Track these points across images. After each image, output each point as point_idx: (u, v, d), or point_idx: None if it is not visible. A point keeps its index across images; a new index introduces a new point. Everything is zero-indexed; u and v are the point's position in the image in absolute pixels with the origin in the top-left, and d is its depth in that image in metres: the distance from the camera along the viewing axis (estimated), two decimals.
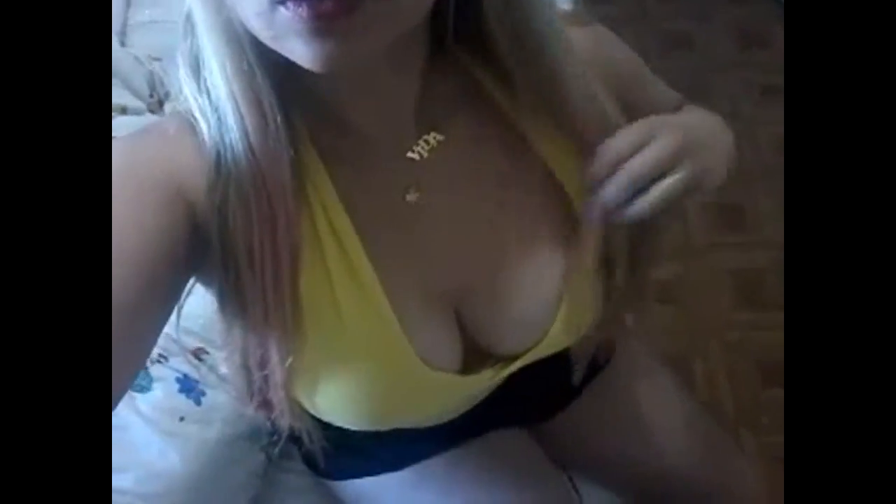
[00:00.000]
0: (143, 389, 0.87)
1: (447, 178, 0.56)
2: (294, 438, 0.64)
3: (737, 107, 1.89)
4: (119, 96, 1.13)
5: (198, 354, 0.88)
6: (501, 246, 0.58)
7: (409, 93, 0.53)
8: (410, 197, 0.55)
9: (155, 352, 0.88)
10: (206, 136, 0.48)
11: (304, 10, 0.39)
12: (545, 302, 0.59)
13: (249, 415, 0.58)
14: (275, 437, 0.85)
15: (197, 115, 0.48)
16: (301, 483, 0.88)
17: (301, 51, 0.42)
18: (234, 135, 0.47)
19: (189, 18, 0.47)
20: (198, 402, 0.87)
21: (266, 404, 0.57)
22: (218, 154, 0.48)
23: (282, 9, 0.40)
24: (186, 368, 0.87)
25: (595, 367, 0.81)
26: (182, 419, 0.85)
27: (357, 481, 0.79)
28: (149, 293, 0.45)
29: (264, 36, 0.43)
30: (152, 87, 1.18)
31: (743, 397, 1.44)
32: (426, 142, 0.54)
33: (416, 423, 0.67)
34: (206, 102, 0.48)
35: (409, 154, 0.54)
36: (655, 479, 0.82)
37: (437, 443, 0.76)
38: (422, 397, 0.60)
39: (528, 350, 0.61)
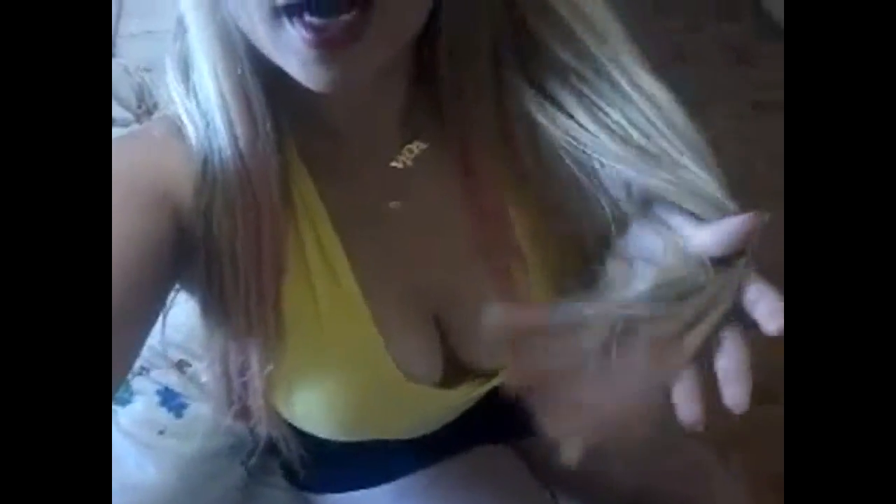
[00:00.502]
0: (124, 402, 0.86)
1: (431, 187, 0.55)
2: (272, 449, 0.63)
3: (728, 123, 1.92)
4: None
5: (180, 366, 0.88)
6: (485, 258, 0.57)
7: (395, 104, 0.53)
8: (394, 205, 0.55)
9: (136, 364, 0.87)
10: (194, 141, 0.48)
11: (307, 35, 0.39)
12: None
13: (228, 425, 0.57)
14: (252, 448, 0.84)
15: (184, 118, 0.48)
16: (282, 497, 0.87)
17: (300, 72, 0.41)
18: (222, 139, 0.47)
19: (181, 21, 0.47)
20: (178, 415, 0.86)
21: (244, 412, 0.56)
22: (205, 158, 0.48)
23: (286, 23, 0.39)
24: (167, 381, 0.87)
25: None
26: (161, 432, 0.84)
27: (337, 495, 0.78)
28: (134, 298, 0.44)
29: (266, 44, 0.42)
30: (140, 99, 1.18)
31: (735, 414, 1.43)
32: (409, 150, 0.54)
33: (393, 435, 0.66)
34: (195, 106, 0.48)
35: (393, 163, 0.54)
36: (634, 496, 0.81)
37: (419, 458, 0.75)
38: (398, 408, 0.59)
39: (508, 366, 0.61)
